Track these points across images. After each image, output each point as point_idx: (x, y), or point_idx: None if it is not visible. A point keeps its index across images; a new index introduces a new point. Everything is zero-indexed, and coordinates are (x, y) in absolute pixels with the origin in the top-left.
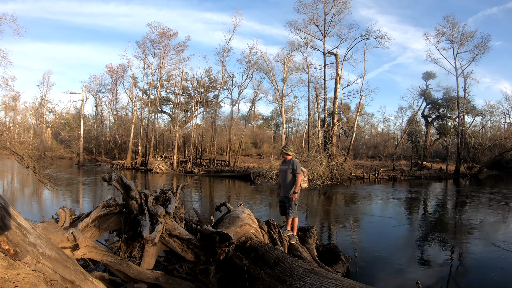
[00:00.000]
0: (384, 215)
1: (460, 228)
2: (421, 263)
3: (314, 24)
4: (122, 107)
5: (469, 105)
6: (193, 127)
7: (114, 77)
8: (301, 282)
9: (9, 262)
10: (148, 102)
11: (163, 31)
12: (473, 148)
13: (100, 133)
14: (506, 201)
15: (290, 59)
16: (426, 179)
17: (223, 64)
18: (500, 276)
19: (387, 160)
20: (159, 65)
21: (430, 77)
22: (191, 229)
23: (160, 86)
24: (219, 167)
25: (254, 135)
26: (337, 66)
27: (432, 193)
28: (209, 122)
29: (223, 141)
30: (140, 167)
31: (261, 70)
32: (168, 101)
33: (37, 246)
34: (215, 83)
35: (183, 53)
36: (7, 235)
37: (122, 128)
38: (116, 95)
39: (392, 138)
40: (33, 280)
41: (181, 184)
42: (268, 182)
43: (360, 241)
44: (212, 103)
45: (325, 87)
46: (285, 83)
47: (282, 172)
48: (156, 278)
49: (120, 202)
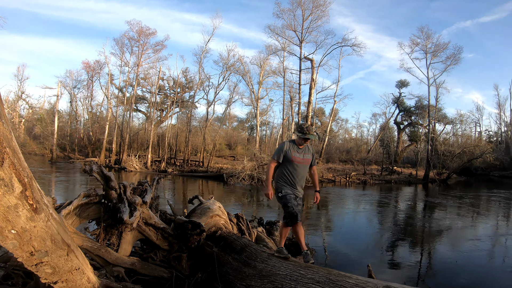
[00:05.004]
0: (355, 217)
1: (429, 231)
2: (391, 264)
3: (291, 29)
4: (97, 104)
5: (440, 114)
6: (168, 126)
7: (91, 73)
8: (264, 264)
9: (31, 215)
10: (123, 100)
11: (141, 29)
12: (443, 155)
13: (74, 130)
14: (473, 206)
15: (267, 63)
16: (396, 184)
17: (200, 65)
18: (468, 278)
19: (359, 165)
20: (136, 63)
21: (403, 85)
22: (165, 219)
23: (136, 84)
24: (193, 167)
25: (229, 137)
26: (313, 71)
27: (402, 197)
28: (184, 122)
29: (197, 141)
30: (114, 165)
31: (238, 72)
32: (143, 99)
33: (49, 207)
34: (191, 83)
35: (160, 52)
36: (32, 193)
37: (97, 125)
38: (91, 91)
39: (365, 143)
40: (43, 234)
41: (157, 177)
42: (240, 183)
43: (330, 242)
44: (188, 103)
45: (300, 92)
46: (261, 86)
47: (302, 163)
48: (132, 263)
49: (99, 193)
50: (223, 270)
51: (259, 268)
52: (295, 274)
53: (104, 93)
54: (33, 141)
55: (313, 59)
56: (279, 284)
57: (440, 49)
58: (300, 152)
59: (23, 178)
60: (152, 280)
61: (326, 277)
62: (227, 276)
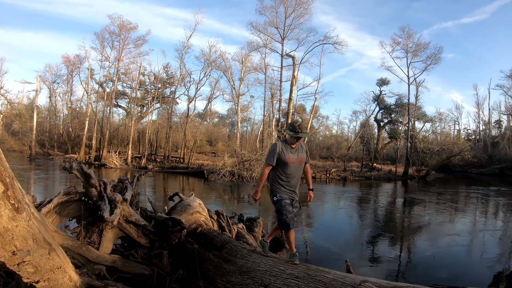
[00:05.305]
0: (335, 214)
1: (408, 227)
2: (372, 259)
3: (274, 26)
4: (77, 100)
5: (420, 112)
6: (149, 122)
7: (70, 68)
8: (244, 260)
9: (13, 214)
10: (104, 95)
11: (123, 23)
12: (422, 152)
13: (53, 126)
14: (452, 202)
15: (248, 59)
16: (376, 180)
17: (182, 60)
18: (447, 272)
19: (339, 161)
20: (117, 58)
21: (384, 83)
22: (146, 216)
23: (117, 80)
24: (174, 164)
25: (209, 133)
26: (294, 68)
27: (382, 193)
28: (165, 118)
29: (178, 138)
30: (94, 162)
31: (219, 68)
32: (124, 95)
33: (30, 206)
34: (172, 79)
35: (142, 47)
36: (14, 193)
37: (76, 121)
38: (71, 86)
39: (345, 140)
40: (25, 234)
41: (137, 175)
42: (221, 179)
43: (311, 238)
44: (168, 99)
45: (281, 88)
46: (242, 82)
47: (297, 163)
48: (113, 261)
49: (80, 191)
50: (204, 267)
51: (240, 264)
52: (274, 269)
53: (84, 88)
54: (12, 137)
55: (295, 56)
56: (259, 280)
57: (421, 49)
58: (293, 152)
59: (5, 178)
60: (133, 277)
61: (305, 273)
62: (208, 272)
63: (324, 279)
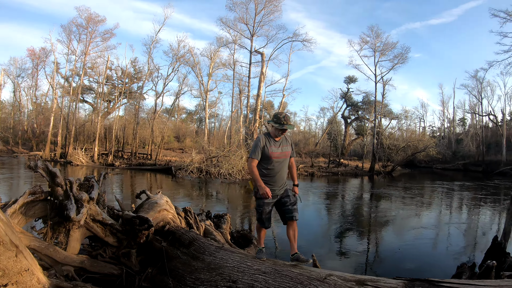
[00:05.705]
0: (303, 209)
1: (375, 221)
2: (340, 254)
3: (243, 22)
4: (42, 94)
5: (386, 109)
6: (116, 118)
7: (36, 61)
8: (212, 257)
9: None
10: (69, 90)
11: (90, 16)
12: (388, 148)
13: (17, 122)
14: (417, 196)
15: (217, 55)
16: (343, 176)
17: (149, 55)
18: (413, 264)
19: (307, 157)
20: (83, 52)
21: (351, 81)
22: (113, 215)
23: (83, 74)
24: (141, 160)
25: (177, 129)
26: (263, 64)
27: (349, 188)
28: (132, 114)
29: (145, 134)
30: (60, 159)
31: (188, 63)
32: (90, 90)
33: None
34: (140, 74)
35: (109, 41)
36: None
37: (41, 117)
38: (36, 81)
39: (313, 137)
40: None
41: (104, 173)
42: (189, 176)
43: (279, 233)
44: (136, 94)
45: (249, 85)
46: (210, 78)
47: (282, 157)
48: (81, 262)
49: (45, 190)
50: (172, 264)
51: (208, 261)
52: (242, 265)
53: (50, 83)
54: None
55: (264, 52)
56: (227, 276)
57: (389, 48)
58: (277, 145)
59: None
60: (102, 277)
61: (272, 268)
62: (176, 270)
63: (291, 274)
